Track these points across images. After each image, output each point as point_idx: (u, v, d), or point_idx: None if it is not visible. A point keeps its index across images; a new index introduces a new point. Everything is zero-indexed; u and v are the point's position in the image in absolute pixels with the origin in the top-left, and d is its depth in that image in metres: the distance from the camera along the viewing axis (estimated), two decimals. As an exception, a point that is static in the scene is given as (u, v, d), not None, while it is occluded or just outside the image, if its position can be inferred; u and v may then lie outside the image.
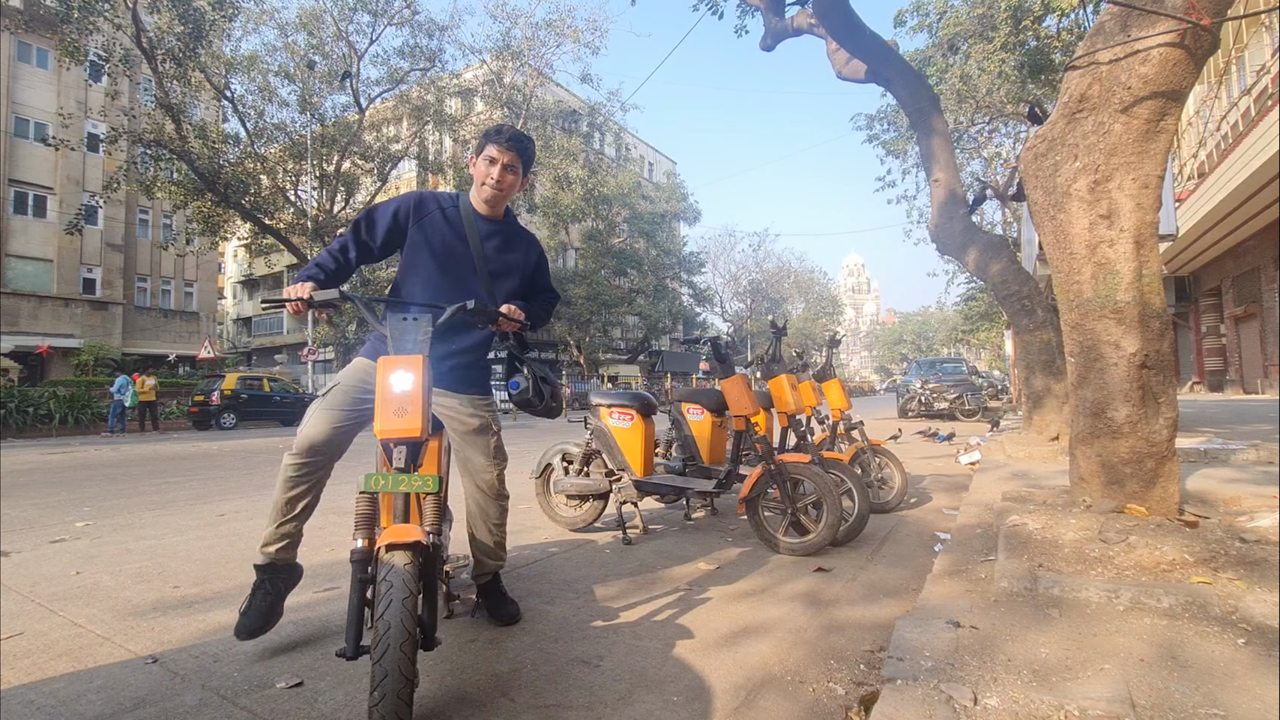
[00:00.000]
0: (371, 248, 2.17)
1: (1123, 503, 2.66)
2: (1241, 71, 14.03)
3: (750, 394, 3.42)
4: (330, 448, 2.03)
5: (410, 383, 1.65)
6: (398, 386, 1.64)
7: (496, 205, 2.28)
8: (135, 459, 8.90)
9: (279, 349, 43.71)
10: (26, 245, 24.26)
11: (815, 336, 49.02)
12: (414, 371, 1.66)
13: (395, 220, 2.18)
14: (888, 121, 18.42)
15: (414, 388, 1.65)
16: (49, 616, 2.42)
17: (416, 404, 1.64)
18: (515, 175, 2.24)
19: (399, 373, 1.66)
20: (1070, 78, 2.89)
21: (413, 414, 1.63)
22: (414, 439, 1.65)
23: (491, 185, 2.19)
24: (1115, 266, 2.70)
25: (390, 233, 2.17)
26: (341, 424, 2.04)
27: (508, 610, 2.34)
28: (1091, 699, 1.40)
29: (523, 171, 2.27)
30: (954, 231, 7.10)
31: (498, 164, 2.18)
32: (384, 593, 1.42)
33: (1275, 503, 2.90)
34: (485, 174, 2.19)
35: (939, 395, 14.95)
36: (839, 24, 6.71)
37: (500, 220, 2.32)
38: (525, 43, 22.69)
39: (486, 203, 2.26)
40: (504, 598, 2.39)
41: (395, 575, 1.44)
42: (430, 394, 1.73)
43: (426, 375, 1.69)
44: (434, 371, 1.87)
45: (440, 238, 2.20)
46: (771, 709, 1.70)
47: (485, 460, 2.24)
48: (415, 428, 1.62)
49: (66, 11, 14.57)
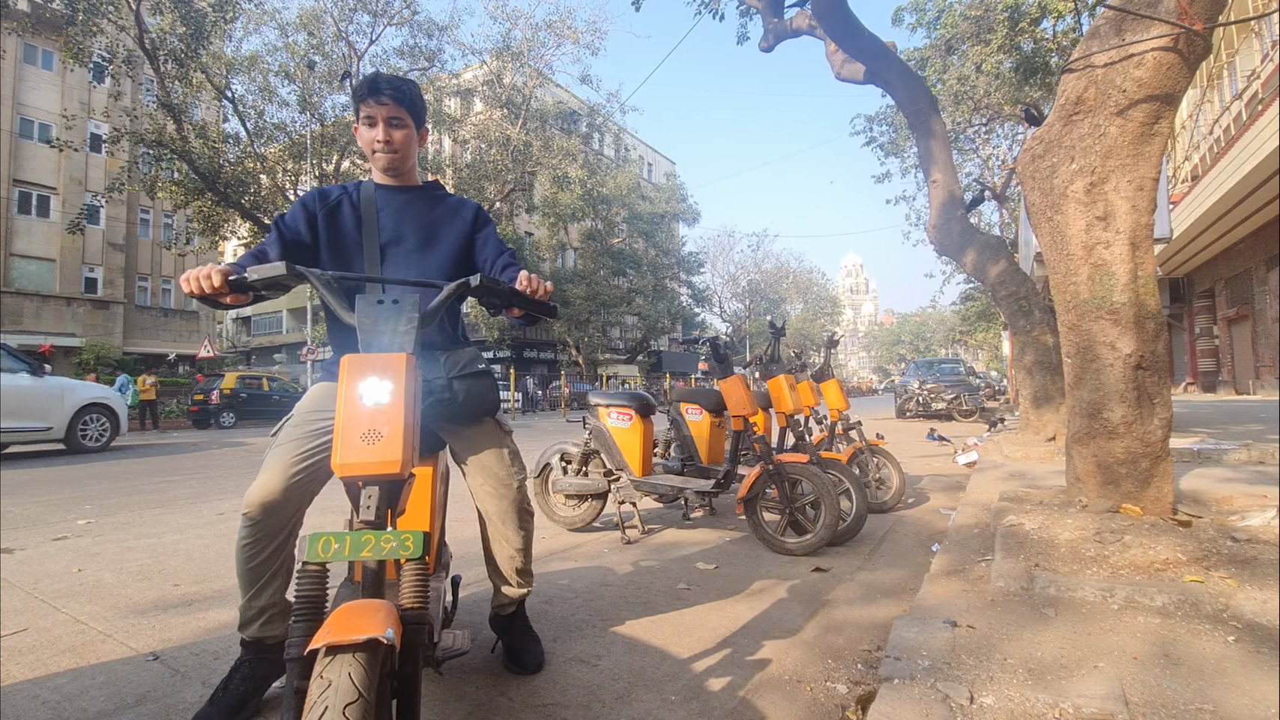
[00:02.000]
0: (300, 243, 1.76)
1: (1118, 502, 2.67)
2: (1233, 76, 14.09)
3: (749, 394, 3.44)
4: (287, 505, 1.56)
5: (388, 393, 1.15)
6: (368, 398, 1.15)
7: (400, 171, 1.86)
8: (136, 457, 8.90)
9: (278, 348, 43.70)
10: (30, 245, 24.32)
11: (814, 337, 49.07)
12: (393, 377, 1.17)
13: (305, 210, 1.81)
14: (887, 123, 18.45)
15: (393, 400, 1.15)
16: (52, 613, 2.44)
17: (397, 424, 1.13)
18: (406, 128, 1.80)
19: (370, 379, 1.16)
20: (1067, 80, 2.91)
21: (390, 439, 1.12)
22: (392, 476, 1.14)
23: (381, 148, 1.78)
24: (1111, 268, 2.72)
25: (305, 224, 1.78)
26: (296, 471, 1.55)
27: (532, 655, 1.91)
28: (1086, 697, 1.41)
29: (416, 122, 1.83)
30: (952, 232, 7.12)
31: (378, 122, 1.76)
32: None
33: (1266, 502, 2.92)
34: (370, 140, 1.79)
35: (937, 396, 14.97)
36: (837, 25, 6.73)
37: (414, 188, 1.91)
38: (525, 43, 22.71)
39: (386, 172, 1.85)
40: (529, 635, 1.98)
41: (333, 695, 0.89)
42: (418, 409, 1.24)
43: (413, 382, 1.20)
44: None
45: (344, 225, 1.81)
46: (769, 708, 1.71)
47: (504, 472, 1.81)
48: (394, 459, 1.12)
49: (71, 13, 14.63)
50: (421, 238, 1.85)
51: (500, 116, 23.38)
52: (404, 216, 1.85)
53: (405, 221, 1.85)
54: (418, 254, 1.83)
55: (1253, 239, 15.39)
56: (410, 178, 1.91)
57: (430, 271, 1.81)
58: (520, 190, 24.38)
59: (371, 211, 1.82)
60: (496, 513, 1.82)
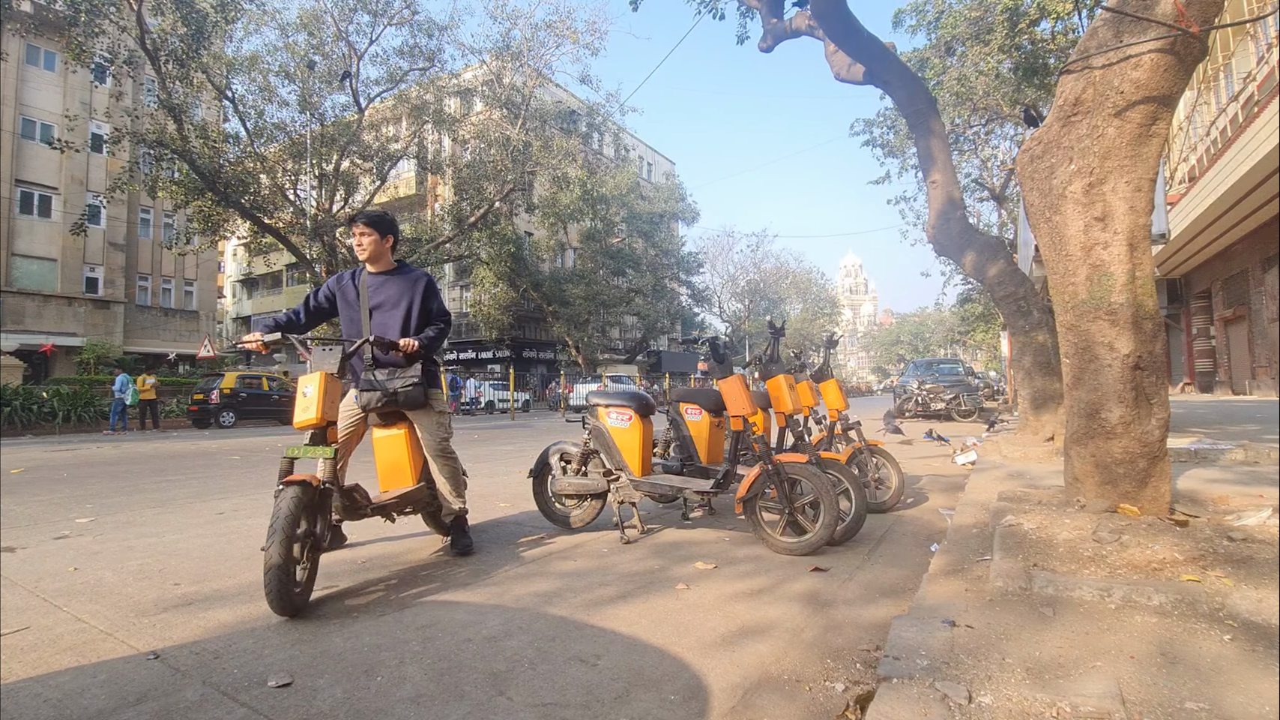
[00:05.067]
0: (321, 308, 3.26)
1: (1116, 502, 2.68)
2: (1229, 78, 14.12)
3: (748, 394, 3.44)
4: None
5: (311, 388, 2.60)
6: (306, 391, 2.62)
7: (376, 261, 3.23)
8: (136, 456, 8.91)
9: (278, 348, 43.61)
10: (32, 245, 24.34)
11: (813, 337, 49.05)
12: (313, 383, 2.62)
13: (328, 288, 3.26)
14: (887, 125, 18.45)
15: (313, 393, 2.59)
16: (53, 612, 2.45)
17: (316, 403, 2.57)
18: (372, 237, 3.16)
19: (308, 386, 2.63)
20: (1065, 81, 2.92)
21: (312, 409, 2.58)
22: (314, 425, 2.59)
23: (360, 251, 3.18)
24: (1110, 269, 2.73)
25: (325, 297, 3.26)
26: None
27: (461, 544, 3.29)
28: (1084, 696, 1.42)
29: (380, 232, 3.18)
30: (952, 233, 7.12)
31: (357, 237, 3.18)
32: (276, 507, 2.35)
33: (1262, 502, 2.92)
34: (357, 245, 3.19)
35: (936, 396, 14.97)
36: (837, 26, 6.74)
37: (387, 271, 3.26)
38: (524, 43, 22.69)
39: (369, 262, 3.25)
40: (462, 533, 3.35)
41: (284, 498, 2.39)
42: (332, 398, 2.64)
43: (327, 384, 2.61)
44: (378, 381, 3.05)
45: (349, 295, 3.24)
46: (769, 708, 1.72)
47: (431, 436, 3.18)
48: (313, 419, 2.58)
49: (74, 14, 14.66)
50: (393, 302, 3.21)
51: (500, 116, 23.37)
52: (382, 290, 3.22)
53: (382, 292, 3.22)
54: (391, 311, 3.21)
55: (1249, 240, 15.42)
56: (385, 265, 3.28)
57: (396, 322, 3.18)
58: (520, 190, 24.36)
59: (364, 288, 3.23)
60: (429, 455, 3.22)
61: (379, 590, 2.73)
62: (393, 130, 24.62)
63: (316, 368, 2.64)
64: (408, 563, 3.17)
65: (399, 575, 2.96)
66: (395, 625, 2.31)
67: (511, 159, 22.30)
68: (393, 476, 3.24)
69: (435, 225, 27.09)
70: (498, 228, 25.94)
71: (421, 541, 3.61)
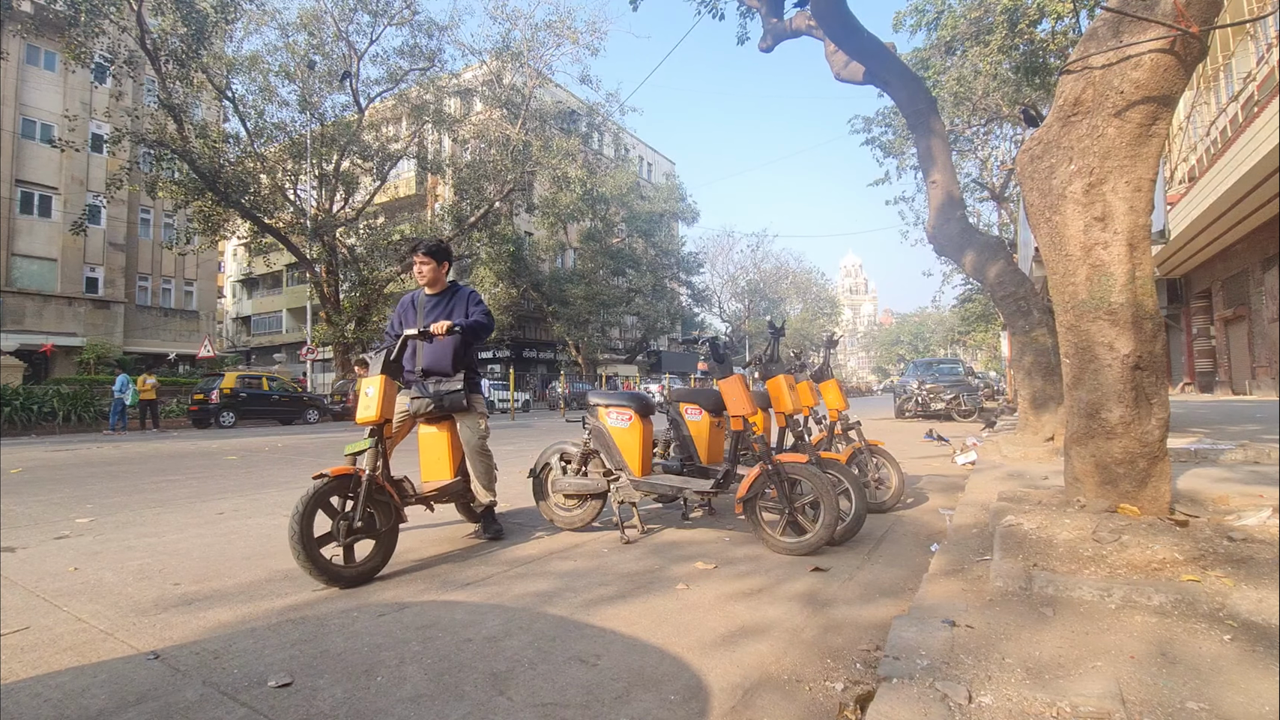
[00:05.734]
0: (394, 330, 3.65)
1: (1116, 502, 2.68)
2: (1229, 78, 14.12)
3: (748, 394, 3.44)
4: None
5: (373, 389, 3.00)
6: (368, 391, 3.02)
7: (432, 285, 3.73)
8: (136, 456, 8.91)
9: (278, 348, 43.70)
10: (32, 245, 24.34)
11: (813, 337, 49.07)
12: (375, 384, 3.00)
13: (399, 313, 3.77)
14: (886, 124, 18.44)
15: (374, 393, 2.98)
16: (53, 611, 2.45)
17: (376, 402, 2.95)
18: (430, 264, 3.65)
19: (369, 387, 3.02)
20: (1065, 81, 2.92)
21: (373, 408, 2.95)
22: (373, 422, 2.95)
23: (420, 277, 3.69)
24: (1110, 269, 2.73)
25: (398, 320, 3.74)
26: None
27: (492, 528, 3.66)
28: (1084, 696, 1.42)
29: (437, 260, 3.66)
30: (951, 233, 7.12)
31: (418, 265, 3.67)
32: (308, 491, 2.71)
33: (1261, 501, 2.92)
34: (417, 272, 3.68)
35: (935, 396, 14.97)
36: (837, 25, 6.74)
37: (440, 292, 3.74)
38: (524, 43, 22.70)
39: (427, 286, 3.75)
40: (492, 520, 3.70)
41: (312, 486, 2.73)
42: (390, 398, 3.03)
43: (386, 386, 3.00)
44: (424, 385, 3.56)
45: (407, 317, 3.74)
46: (769, 708, 1.72)
47: (470, 433, 3.56)
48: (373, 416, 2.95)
49: (74, 15, 14.65)
50: (443, 314, 3.65)
51: (500, 116, 23.38)
52: (437, 308, 3.69)
53: (437, 310, 3.68)
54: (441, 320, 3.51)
55: (1249, 240, 15.42)
56: (440, 287, 3.75)
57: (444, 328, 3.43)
58: (520, 190, 24.38)
59: (421, 306, 3.73)
60: (468, 452, 3.58)
61: (379, 590, 2.73)
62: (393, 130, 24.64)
63: (375, 371, 3.03)
64: (408, 562, 3.18)
65: (399, 575, 2.96)
66: (395, 625, 2.31)
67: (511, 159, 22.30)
68: (434, 469, 3.61)
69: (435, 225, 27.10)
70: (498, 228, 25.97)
71: (422, 541, 3.61)
